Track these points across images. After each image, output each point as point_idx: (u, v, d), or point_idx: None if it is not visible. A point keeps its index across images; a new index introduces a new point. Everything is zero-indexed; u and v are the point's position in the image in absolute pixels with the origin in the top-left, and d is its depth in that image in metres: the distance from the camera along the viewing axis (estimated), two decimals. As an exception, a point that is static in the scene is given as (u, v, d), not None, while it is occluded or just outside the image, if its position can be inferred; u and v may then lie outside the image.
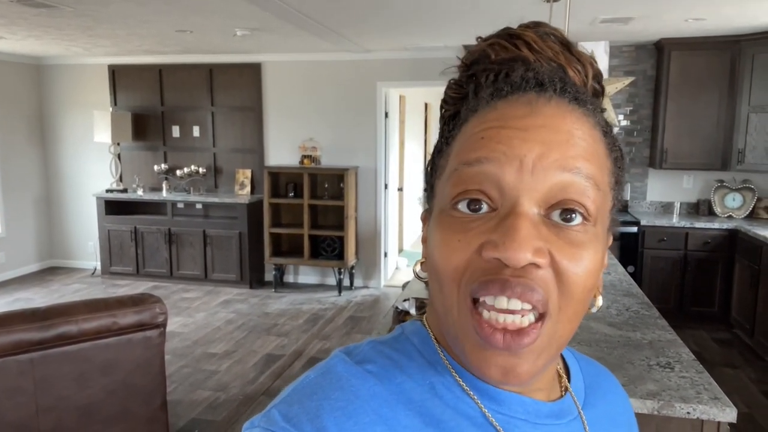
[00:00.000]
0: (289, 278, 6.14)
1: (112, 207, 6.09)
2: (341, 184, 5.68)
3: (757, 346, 4.15)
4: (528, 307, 0.42)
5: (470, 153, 0.45)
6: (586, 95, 0.47)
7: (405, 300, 2.27)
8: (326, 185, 5.77)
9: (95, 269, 6.42)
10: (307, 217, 5.65)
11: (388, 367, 0.48)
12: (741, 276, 4.37)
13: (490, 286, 0.42)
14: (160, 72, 6.13)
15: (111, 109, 6.25)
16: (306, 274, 6.12)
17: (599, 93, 0.49)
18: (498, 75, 0.47)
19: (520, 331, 0.42)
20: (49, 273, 6.46)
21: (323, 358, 0.51)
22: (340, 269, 5.70)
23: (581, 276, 0.43)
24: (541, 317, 0.43)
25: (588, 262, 0.43)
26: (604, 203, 0.45)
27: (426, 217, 0.53)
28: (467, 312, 0.43)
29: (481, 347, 0.43)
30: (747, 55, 4.51)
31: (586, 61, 0.48)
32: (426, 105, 8.77)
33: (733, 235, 4.49)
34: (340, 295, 5.68)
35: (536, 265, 0.41)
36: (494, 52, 0.48)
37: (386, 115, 5.74)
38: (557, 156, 0.43)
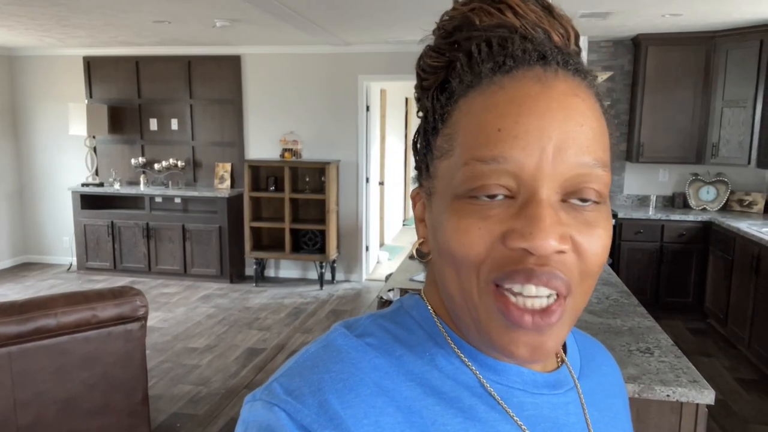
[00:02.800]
0: (270, 272, 6.11)
1: (88, 201, 5.98)
2: (322, 178, 5.66)
3: (731, 335, 4.25)
4: (554, 292, 0.43)
5: (485, 149, 0.43)
6: (582, 63, 0.47)
7: (389, 290, 2.29)
8: (307, 179, 5.75)
9: (71, 265, 6.30)
10: (288, 211, 5.62)
11: (387, 340, 0.49)
12: (715, 267, 4.48)
13: (515, 275, 0.42)
14: (137, 64, 6.03)
15: (86, 101, 6.13)
16: (287, 268, 6.10)
17: (579, 54, 0.49)
18: (490, 45, 0.45)
19: (546, 311, 0.43)
20: (23, 269, 6.32)
21: None
22: (321, 263, 5.68)
23: (599, 254, 0.45)
24: (563, 296, 0.44)
25: (604, 239, 0.45)
26: (608, 180, 0.46)
27: (418, 196, 0.52)
28: (491, 297, 0.43)
29: (508, 329, 0.44)
30: (721, 50, 4.61)
31: (567, 24, 0.48)
32: (407, 99, 8.78)
33: (707, 227, 4.60)
34: (321, 288, 5.67)
35: (560, 251, 0.42)
36: (478, 17, 0.46)
37: (367, 108, 5.74)
38: (574, 146, 0.43)
